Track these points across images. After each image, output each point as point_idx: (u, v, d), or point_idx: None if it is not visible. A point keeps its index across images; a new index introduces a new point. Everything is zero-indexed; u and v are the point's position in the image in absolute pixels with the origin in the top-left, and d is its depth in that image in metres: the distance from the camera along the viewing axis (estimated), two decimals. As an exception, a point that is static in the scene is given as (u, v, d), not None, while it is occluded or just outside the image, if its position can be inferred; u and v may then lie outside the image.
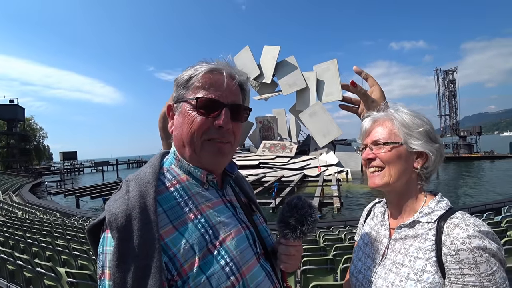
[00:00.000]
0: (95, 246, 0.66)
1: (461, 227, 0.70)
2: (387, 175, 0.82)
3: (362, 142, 0.89)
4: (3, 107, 58.12)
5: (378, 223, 0.93)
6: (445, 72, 53.17)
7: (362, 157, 0.88)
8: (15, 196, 23.96)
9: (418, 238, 0.77)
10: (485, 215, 7.45)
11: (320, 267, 3.48)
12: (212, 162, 0.75)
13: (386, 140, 0.82)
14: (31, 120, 69.57)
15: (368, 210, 1.04)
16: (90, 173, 66.12)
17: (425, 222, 0.77)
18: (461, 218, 0.73)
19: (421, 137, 0.80)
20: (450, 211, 0.76)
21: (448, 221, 0.73)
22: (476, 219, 0.72)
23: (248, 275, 0.69)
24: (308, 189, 20.82)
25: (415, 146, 0.80)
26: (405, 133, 0.81)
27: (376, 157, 0.83)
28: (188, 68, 0.76)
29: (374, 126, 0.87)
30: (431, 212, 0.78)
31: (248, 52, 35.09)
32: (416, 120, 0.81)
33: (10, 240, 5.59)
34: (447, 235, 0.71)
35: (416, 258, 0.75)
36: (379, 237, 0.90)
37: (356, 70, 1.02)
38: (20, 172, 50.19)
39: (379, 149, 0.83)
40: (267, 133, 35.91)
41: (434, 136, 0.82)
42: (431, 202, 0.80)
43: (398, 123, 0.82)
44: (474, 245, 0.67)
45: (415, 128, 0.80)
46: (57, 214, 14.01)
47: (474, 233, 0.68)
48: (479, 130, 50.09)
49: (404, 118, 0.82)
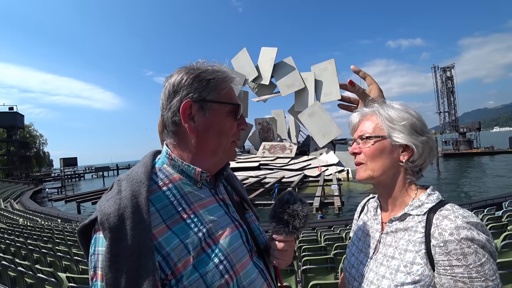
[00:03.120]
0: (86, 247, 0.65)
1: (449, 219, 0.70)
2: (369, 168, 0.83)
3: (353, 137, 0.90)
4: (3, 114, 58.06)
5: (371, 218, 0.94)
6: (442, 69, 53.20)
7: (349, 151, 0.90)
8: (16, 203, 23.89)
9: (408, 231, 0.77)
10: (486, 210, 7.45)
11: (321, 266, 3.48)
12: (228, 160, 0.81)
13: (370, 134, 0.83)
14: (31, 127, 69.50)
15: (362, 205, 1.05)
16: (91, 178, 65.92)
17: (415, 215, 0.77)
18: (450, 210, 0.72)
19: (405, 130, 0.80)
20: (440, 204, 0.76)
21: (438, 213, 0.73)
22: (465, 210, 0.72)
23: (241, 273, 0.70)
24: (309, 189, 20.75)
25: (398, 139, 0.80)
26: (388, 126, 0.81)
27: (361, 151, 0.85)
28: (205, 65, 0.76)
29: (361, 121, 0.88)
30: (421, 205, 0.78)
31: (246, 54, 35.14)
32: (401, 113, 0.82)
33: (12, 247, 5.58)
34: (436, 227, 0.71)
35: (406, 250, 0.75)
36: (371, 232, 0.90)
37: (354, 69, 1.02)
38: (21, 179, 50.13)
39: (365, 143, 0.84)
40: (266, 134, 35.88)
41: (421, 129, 0.81)
42: (422, 195, 0.80)
43: (383, 117, 0.83)
44: (462, 236, 0.66)
45: (398, 121, 0.81)
46: (58, 220, 13.97)
47: (462, 224, 0.68)
48: (478, 126, 49.94)
49: (389, 112, 0.83)
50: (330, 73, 30.32)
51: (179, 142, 0.76)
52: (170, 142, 0.77)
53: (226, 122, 0.75)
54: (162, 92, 0.76)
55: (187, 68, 0.75)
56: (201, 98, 0.72)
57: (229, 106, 0.76)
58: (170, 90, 0.73)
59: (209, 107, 0.73)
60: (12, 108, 59.84)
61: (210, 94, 0.73)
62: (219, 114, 0.74)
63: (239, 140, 0.80)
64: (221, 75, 0.75)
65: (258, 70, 34.60)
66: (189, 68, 0.75)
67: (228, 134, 0.76)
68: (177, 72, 0.75)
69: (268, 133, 35.89)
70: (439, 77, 53.57)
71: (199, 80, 0.73)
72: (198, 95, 0.72)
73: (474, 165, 34.63)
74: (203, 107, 0.73)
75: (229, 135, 0.76)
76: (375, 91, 0.98)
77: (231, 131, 0.77)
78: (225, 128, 0.75)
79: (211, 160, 0.77)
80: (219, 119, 0.74)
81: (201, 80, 0.73)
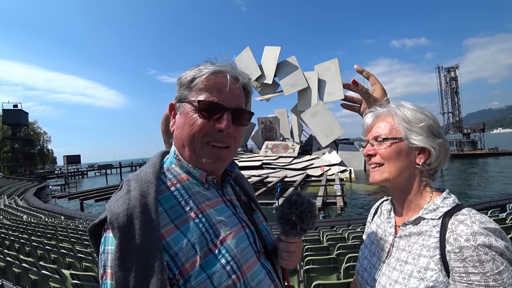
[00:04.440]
0: (96, 246, 0.66)
1: (465, 224, 0.68)
2: (386, 171, 0.80)
3: (365, 138, 0.88)
4: (7, 112, 58.71)
5: (385, 221, 0.92)
6: (446, 69, 52.92)
7: (363, 153, 0.87)
8: (20, 200, 24.10)
9: (422, 235, 0.75)
10: (490, 212, 7.39)
11: (323, 266, 3.47)
12: (211, 167, 0.75)
13: (386, 136, 0.80)
14: (35, 125, 70.21)
15: (376, 208, 1.03)
16: (94, 176, 66.33)
17: (430, 219, 0.75)
18: (467, 214, 0.70)
19: (422, 132, 0.78)
20: (456, 208, 0.73)
21: (453, 218, 0.71)
22: (483, 215, 0.70)
23: (248, 274, 0.69)
24: (311, 189, 20.74)
25: (415, 142, 0.78)
26: (405, 128, 0.79)
27: (376, 153, 0.82)
28: (192, 67, 0.75)
29: (376, 122, 0.86)
30: (436, 208, 0.76)
31: (249, 53, 35.19)
32: (418, 115, 0.79)
33: (16, 243, 5.63)
34: (451, 232, 0.69)
35: (419, 255, 0.73)
36: (385, 235, 0.88)
37: (357, 68, 1.01)
38: (25, 176, 50.58)
39: (380, 145, 0.82)
40: (269, 133, 35.89)
41: (438, 132, 0.79)
42: (437, 199, 0.77)
43: (399, 118, 0.80)
44: (479, 243, 0.64)
45: (416, 123, 0.78)
46: (61, 217, 14.09)
47: (479, 230, 0.65)
48: (482, 126, 49.73)
49: (405, 113, 0.80)
50: (334, 73, 30.31)
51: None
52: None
53: (194, 121, 0.71)
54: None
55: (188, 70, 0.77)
56: (178, 98, 0.76)
57: (196, 103, 0.71)
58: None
59: (182, 106, 0.75)
60: (16, 105, 60.48)
61: (183, 94, 0.74)
62: (186, 113, 0.73)
63: (217, 141, 0.72)
64: (197, 72, 0.73)
65: (261, 69, 34.66)
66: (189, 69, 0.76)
67: (196, 133, 0.71)
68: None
69: (271, 132, 35.89)
70: (443, 78, 53.30)
71: (180, 82, 0.76)
72: (179, 96, 0.76)
73: (478, 166, 34.40)
74: (179, 107, 0.76)
75: (198, 135, 0.71)
76: (379, 91, 0.97)
77: (202, 130, 0.71)
78: (188, 126, 0.72)
79: (195, 160, 0.74)
80: (185, 117, 0.73)
81: (182, 82, 0.75)
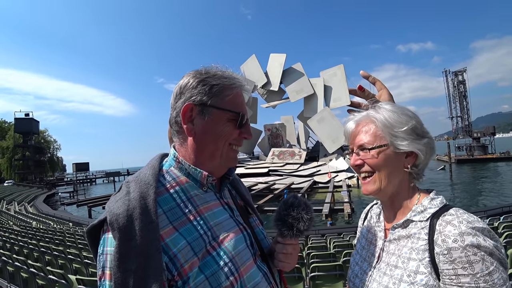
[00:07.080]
0: (94, 247, 0.67)
1: (453, 224, 0.66)
2: (377, 180, 0.79)
3: (349, 146, 0.86)
4: (19, 120, 60.09)
5: (374, 225, 0.90)
6: (454, 73, 52.26)
7: (351, 164, 0.85)
8: (30, 206, 24.45)
9: (411, 238, 0.74)
10: (502, 217, 7.21)
11: (329, 273, 3.43)
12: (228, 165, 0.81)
13: (371, 145, 0.78)
14: (45, 133, 71.39)
15: (365, 212, 1.01)
16: (102, 183, 66.92)
17: (418, 221, 0.74)
18: (454, 214, 0.69)
19: (407, 136, 0.76)
20: (444, 208, 0.72)
21: (441, 219, 0.69)
22: (470, 215, 0.68)
23: (245, 276, 0.70)
24: (318, 195, 20.55)
25: (402, 147, 0.76)
26: (389, 134, 0.76)
27: (364, 162, 0.80)
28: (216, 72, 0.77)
29: (357, 129, 0.83)
30: (424, 210, 0.74)
31: (255, 60, 35.41)
32: (400, 117, 0.77)
33: (25, 249, 5.71)
34: (439, 233, 0.67)
35: (409, 259, 0.72)
36: (374, 239, 0.87)
37: (363, 74, 1.01)
38: (35, 184, 51.45)
39: (366, 154, 0.79)
40: (276, 140, 35.77)
41: (422, 131, 0.77)
42: (425, 200, 0.76)
43: (381, 124, 0.78)
44: (467, 243, 0.63)
45: (399, 127, 0.76)
46: (70, 224, 14.22)
47: (467, 230, 0.64)
48: (493, 130, 48.67)
49: (386, 117, 0.77)
50: (339, 79, 30.21)
51: (182, 142, 0.78)
52: (176, 141, 0.80)
53: (225, 128, 0.75)
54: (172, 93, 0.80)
55: (196, 72, 0.77)
56: (202, 102, 0.74)
57: (230, 113, 0.75)
58: (177, 92, 0.77)
59: (209, 112, 0.74)
60: (28, 114, 61.87)
61: (211, 99, 0.74)
62: (218, 120, 0.75)
63: (240, 146, 0.81)
64: (227, 81, 0.75)
65: (267, 76, 34.76)
66: (198, 72, 0.77)
67: (225, 139, 0.76)
68: (186, 75, 0.78)
69: (277, 139, 35.77)
70: (451, 82, 52.62)
71: (203, 85, 0.74)
72: (200, 99, 0.74)
73: (489, 171, 33.64)
74: (203, 111, 0.74)
75: (227, 141, 0.76)
76: (385, 96, 0.96)
77: (231, 137, 0.76)
78: (223, 133, 0.75)
79: (211, 163, 0.77)
80: (217, 125, 0.75)
81: (204, 85, 0.74)
